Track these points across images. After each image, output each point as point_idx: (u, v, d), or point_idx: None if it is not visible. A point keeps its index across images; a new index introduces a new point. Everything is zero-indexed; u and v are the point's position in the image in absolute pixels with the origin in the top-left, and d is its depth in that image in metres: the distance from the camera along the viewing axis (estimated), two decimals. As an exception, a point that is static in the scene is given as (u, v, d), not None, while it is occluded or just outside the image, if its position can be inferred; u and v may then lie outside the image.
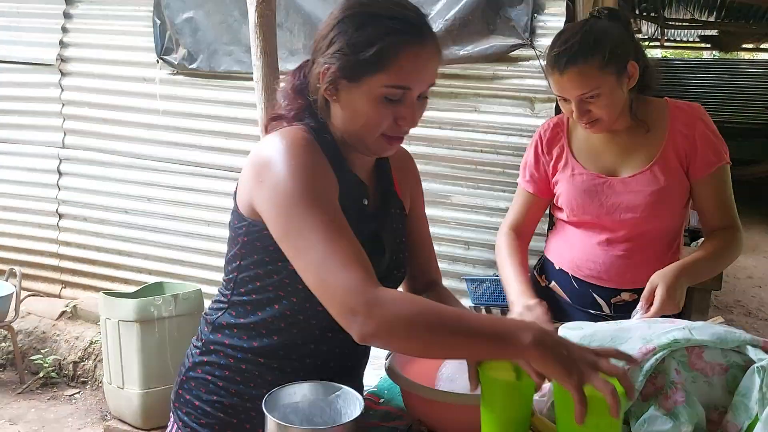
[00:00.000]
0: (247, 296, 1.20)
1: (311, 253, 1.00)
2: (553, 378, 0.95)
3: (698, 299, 2.91)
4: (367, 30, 1.07)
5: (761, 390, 1.17)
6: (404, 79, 1.09)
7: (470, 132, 3.08)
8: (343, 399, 1.11)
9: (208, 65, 3.50)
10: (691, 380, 1.26)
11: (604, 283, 1.70)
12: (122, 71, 3.81)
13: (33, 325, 3.93)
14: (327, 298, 0.99)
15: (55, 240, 4.12)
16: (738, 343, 1.26)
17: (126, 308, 3.08)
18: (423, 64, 1.11)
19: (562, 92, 1.62)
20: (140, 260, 3.91)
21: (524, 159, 1.86)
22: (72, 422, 3.37)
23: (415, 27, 1.09)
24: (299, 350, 1.21)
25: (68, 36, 3.94)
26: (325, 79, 1.10)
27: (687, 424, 1.19)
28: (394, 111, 1.11)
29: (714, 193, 1.70)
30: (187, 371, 1.26)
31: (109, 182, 3.91)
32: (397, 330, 0.95)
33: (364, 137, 1.14)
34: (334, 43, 1.09)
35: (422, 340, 0.96)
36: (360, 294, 0.95)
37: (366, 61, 1.07)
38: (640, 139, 1.70)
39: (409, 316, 0.95)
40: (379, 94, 1.09)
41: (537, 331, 0.94)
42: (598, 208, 1.70)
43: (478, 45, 2.90)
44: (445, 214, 3.19)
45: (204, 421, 1.22)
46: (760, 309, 5.34)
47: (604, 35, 1.58)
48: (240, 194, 1.16)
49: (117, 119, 3.85)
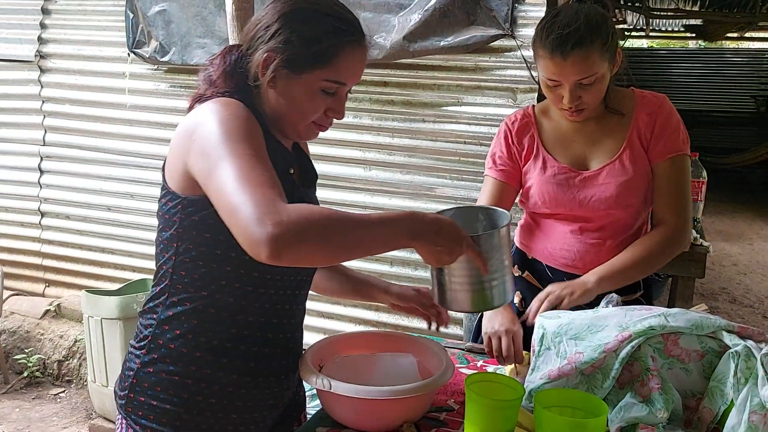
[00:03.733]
0: (189, 278, 1.19)
1: (226, 179, 1.00)
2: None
3: (682, 287, 2.92)
4: (314, 26, 1.15)
5: (736, 375, 1.18)
6: (343, 75, 1.18)
7: (453, 123, 3.08)
8: (487, 217, 1.34)
9: (181, 58, 3.44)
10: (668, 367, 1.27)
11: (579, 270, 1.70)
12: (102, 67, 3.77)
13: (17, 325, 3.90)
14: (235, 217, 0.97)
15: (38, 238, 4.08)
16: (713, 329, 1.26)
17: (109, 306, 3.06)
18: (360, 63, 1.21)
19: (560, 77, 1.59)
20: (124, 257, 3.88)
21: (492, 150, 1.84)
22: (57, 421, 3.35)
23: (356, 29, 1.19)
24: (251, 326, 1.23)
25: (47, 32, 3.89)
26: (266, 66, 1.16)
27: (663, 411, 1.20)
28: (327, 102, 1.20)
29: (666, 181, 1.68)
30: (136, 374, 1.23)
31: (92, 179, 3.88)
32: (305, 232, 0.95)
33: (297, 123, 1.22)
34: (279, 34, 1.15)
35: (327, 239, 0.98)
36: (269, 205, 0.95)
37: (311, 56, 1.15)
38: (608, 128, 1.71)
39: (315, 218, 0.97)
40: (317, 87, 1.17)
41: (411, 221, 1.06)
42: (570, 200, 1.71)
43: (459, 36, 2.89)
44: (429, 206, 3.18)
45: (165, 419, 1.20)
46: (745, 296, 5.38)
47: (603, 19, 1.58)
48: (170, 170, 1.17)
49: (98, 115, 3.81)
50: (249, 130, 1.09)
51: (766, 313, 5.01)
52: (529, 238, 1.85)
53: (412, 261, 3.23)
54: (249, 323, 1.23)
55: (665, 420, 1.20)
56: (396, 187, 3.22)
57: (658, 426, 1.20)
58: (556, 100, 1.66)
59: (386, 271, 3.28)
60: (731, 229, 7.46)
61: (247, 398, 1.24)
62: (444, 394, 1.40)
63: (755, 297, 5.36)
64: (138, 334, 1.27)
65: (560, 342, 1.34)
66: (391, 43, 2.93)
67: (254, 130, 1.10)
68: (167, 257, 1.21)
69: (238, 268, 1.17)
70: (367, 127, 3.19)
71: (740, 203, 8.62)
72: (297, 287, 1.30)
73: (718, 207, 8.23)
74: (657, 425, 1.20)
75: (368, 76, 3.13)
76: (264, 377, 1.26)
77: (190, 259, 1.18)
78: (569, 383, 1.29)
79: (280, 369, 1.29)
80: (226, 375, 1.22)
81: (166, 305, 1.22)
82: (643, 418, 1.19)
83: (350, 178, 3.29)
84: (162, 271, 1.23)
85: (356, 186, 3.29)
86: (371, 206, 3.27)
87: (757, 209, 8.62)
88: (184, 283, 1.20)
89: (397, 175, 3.22)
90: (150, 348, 1.23)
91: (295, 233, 0.94)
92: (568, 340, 1.33)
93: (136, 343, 1.26)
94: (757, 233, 7.49)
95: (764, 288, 5.58)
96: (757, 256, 6.56)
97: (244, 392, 1.24)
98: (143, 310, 1.27)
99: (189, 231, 1.17)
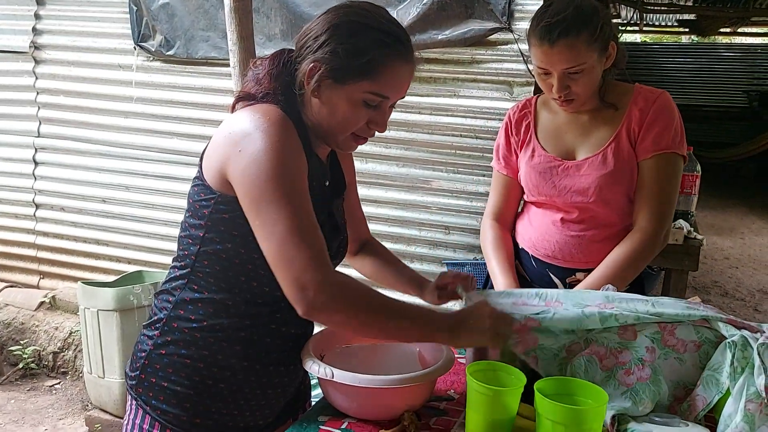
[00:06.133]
0: (211, 268, 1.22)
1: (275, 227, 1.07)
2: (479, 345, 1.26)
3: (676, 280, 2.94)
4: (361, 39, 1.16)
5: (732, 365, 1.19)
6: (385, 89, 1.19)
7: (449, 117, 3.09)
8: None
9: (186, 52, 3.46)
10: (663, 357, 1.28)
11: (559, 262, 1.73)
12: (98, 58, 3.75)
13: (11, 317, 3.89)
14: (281, 270, 1.08)
15: (33, 230, 4.07)
16: (702, 317, 1.28)
17: (105, 297, 3.06)
18: (404, 78, 1.21)
19: (548, 65, 1.61)
20: (119, 249, 3.87)
21: (496, 142, 1.88)
22: (52, 412, 3.35)
23: (403, 44, 1.19)
24: (266, 319, 1.26)
25: (41, 23, 3.87)
26: (312, 75, 1.17)
27: (647, 402, 1.21)
28: (369, 115, 1.21)
29: (649, 180, 1.65)
30: (148, 355, 1.26)
31: (86, 171, 3.87)
32: (343, 310, 1.08)
33: (337, 133, 1.23)
34: (326, 45, 1.17)
35: (361, 320, 1.11)
36: (313, 271, 1.05)
37: (356, 67, 1.16)
38: (600, 121, 1.72)
39: (355, 297, 1.09)
40: (359, 98, 1.18)
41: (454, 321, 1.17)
42: (550, 189, 1.73)
43: (456, 29, 2.90)
44: (425, 199, 3.20)
45: (174, 401, 1.23)
46: (736, 289, 5.42)
47: (594, 11, 1.59)
48: (209, 164, 1.18)
49: (93, 107, 3.80)
50: (295, 167, 1.12)
51: (757, 306, 5.05)
52: (521, 228, 1.88)
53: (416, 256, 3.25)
54: (264, 316, 1.25)
55: (647, 412, 1.21)
56: (392, 180, 3.23)
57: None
58: (547, 88, 1.68)
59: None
60: (723, 223, 7.50)
61: (256, 386, 1.27)
62: (444, 384, 1.41)
63: (746, 290, 5.40)
64: (152, 316, 1.29)
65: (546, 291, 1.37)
66: (388, 36, 2.94)
67: (299, 164, 1.14)
68: (191, 243, 1.23)
69: (259, 268, 1.19)
70: (364, 119, 3.18)
71: (732, 198, 8.67)
72: None
73: (709, 201, 8.27)
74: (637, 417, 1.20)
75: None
76: (274, 366, 1.28)
77: (213, 251, 1.20)
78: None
79: (290, 359, 1.31)
80: (238, 362, 1.24)
81: (183, 290, 1.24)
82: (626, 409, 1.20)
83: (346, 170, 3.28)
84: (184, 256, 1.24)
85: (352, 179, 3.29)
86: (367, 198, 3.27)
87: (749, 204, 8.67)
88: (206, 272, 1.22)
89: (393, 168, 3.23)
90: (164, 330, 1.25)
91: (333, 308, 1.07)
92: (554, 292, 1.36)
93: (149, 324, 1.29)
94: (748, 227, 7.54)
95: (755, 281, 5.63)
96: (748, 250, 6.60)
97: (253, 380, 1.26)
98: (159, 291, 1.30)
99: (217, 225, 1.19)
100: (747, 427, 1.12)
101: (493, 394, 1.10)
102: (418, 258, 3.26)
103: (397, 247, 3.26)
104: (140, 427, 1.26)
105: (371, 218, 3.27)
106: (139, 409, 1.26)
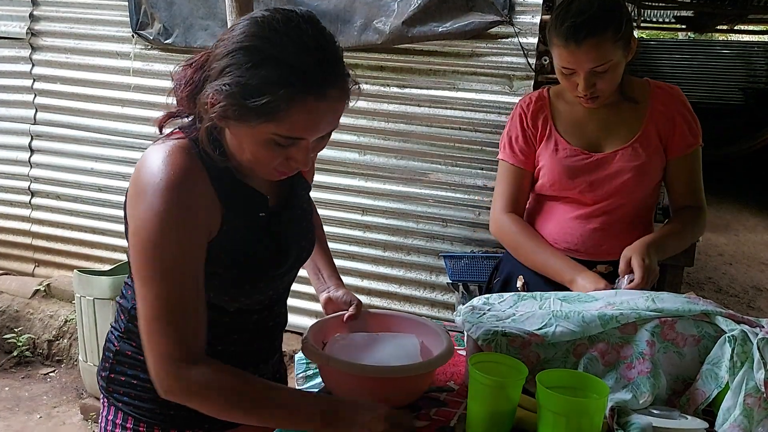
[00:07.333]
0: None
1: (145, 303, 1.04)
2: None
3: (671, 275, 2.96)
4: (261, 74, 0.97)
5: (732, 359, 1.20)
6: (296, 131, 1.01)
7: (448, 109, 3.08)
8: None
9: (184, 40, 3.43)
10: (663, 350, 1.29)
11: (581, 255, 1.72)
12: (95, 46, 3.73)
13: (6, 304, 3.88)
14: (146, 347, 1.05)
15: (28, 218, 4.05)
16: (702, 311, 1.28)
17: (101, 286, 3.05)
18: (320, 116, 1.02)
19: (574, 65, 1.60)
20: (115, 238, 3.85)
21: (506, 135, 1.83)
22: (47, 400, 3.35)
23: (314, 79, 0.98)
24: (234, 321, 1.23)
25: (39, 9, 3.84)
26: (213, 105, 1.02)
27: (648, 394, 1.22)
28: (286, 152, 1.05)
29: (687, 172, 1.76)
30: (116, 354, 1.24)
31: (83, 159, 3.85)
32: (195, 400, 1.06)
33: (253, 167, 1.10)
34: (226, 74, 1.00)
35: (216, 411, 1.07)
36: (170, 366, 1.03)
37: (254, 109, 0.98)
38: (622, 115, 1.72)
39: (209, 390, 1.05)
40: (268, 138, 1.02)
41: (325, 413, 1.08)
42: (581, 183, 1.72)
43: (457, 22, 2.89)
44: (423, 191, 3.20)
45: (146, 396, 1.21)
46: (730, 286, 5.45)
47: (617, 6, 1.59)
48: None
49: (90, 95, 3.77)
50: (186, 234, 1.05)
51: (750, 303, 5.08)
52: (532, 222, 1.85)
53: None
54: (231, 319, 1.22)
55: (647, 405, 1.22)
56: (390, 172, 3.23)
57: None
58: (571, 87, 1.67)
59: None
60: (717, 220, 7.52)
61: None
62: (444, 375, 1.41)
63: (740, 287, 5.43)
64: (117, 314, 1.28)
65: (547, 298, 1.39)
66: (390, 28, 2.93)
67: (192, 228, 1.06)
68: None
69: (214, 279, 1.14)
70: (362, 111, 3.18)
71: (727, 195, 8.69)
72: (285, 288, 1.33)
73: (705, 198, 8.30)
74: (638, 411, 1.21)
75: (364, 61, 3.13)
76: (243, 362, 1.22)
77: None
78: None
79: (259, 356, 1.31)
80: None
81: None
82: (626, 402, 1.21)
83: (345, 162, 3.29)
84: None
85: (350, 170, 3.30)
86: (366, 190, 3.28)
87: (743, 201, 8.70)
88: None
89: (392, 160, 3.22)
90: (125, 337, 1.23)
91: (186, 399, 1.05)
92: (555, 299, 1.38)
93: (115, 323, 1.28)
94: (743, 224, 7.57)
95: (749, 278, 5.66)
96: (742, 246, 6.63)
97: None
98: (124, 286, 1.27)
99: None
100: (746, 421, 1.13)
101: (496, 385, 1.10)
102: (414, 251, 3.26)
103: (394, 240, 3.26)
104: (113, 423, 1.24)
105: (369, 210, 3.29)
106: (112, 407, 1.25)
